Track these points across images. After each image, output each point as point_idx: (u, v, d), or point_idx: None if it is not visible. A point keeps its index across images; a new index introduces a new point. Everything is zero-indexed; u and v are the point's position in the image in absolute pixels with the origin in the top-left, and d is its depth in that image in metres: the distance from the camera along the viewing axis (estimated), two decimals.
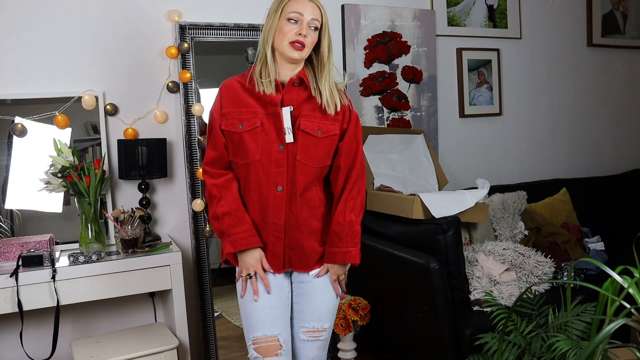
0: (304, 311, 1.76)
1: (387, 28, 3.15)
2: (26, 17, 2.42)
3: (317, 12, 1.66)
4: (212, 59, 2.80)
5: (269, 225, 1.70)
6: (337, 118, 1.71)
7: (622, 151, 4.11)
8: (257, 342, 1.70)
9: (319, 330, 1.76)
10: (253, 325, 1.71)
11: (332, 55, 1.71)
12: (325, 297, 1.76)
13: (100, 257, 2.24)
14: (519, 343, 2.11)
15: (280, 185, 1.67)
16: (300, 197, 1.70)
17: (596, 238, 3.13)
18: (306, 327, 1.76)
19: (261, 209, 1.70)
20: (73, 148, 2.38)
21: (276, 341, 1.70)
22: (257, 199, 1.69)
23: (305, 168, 1.69)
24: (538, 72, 3.72)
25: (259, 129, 1.67)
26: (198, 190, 2.65)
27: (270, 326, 1.70)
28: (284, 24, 1.64)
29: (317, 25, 1.66)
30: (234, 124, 1.68)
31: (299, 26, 1.64)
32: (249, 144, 1.67)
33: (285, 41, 1.64)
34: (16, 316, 2.10)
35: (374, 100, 3.15)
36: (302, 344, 1.77)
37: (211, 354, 2.70)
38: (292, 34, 1.63)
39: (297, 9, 1.63)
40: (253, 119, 1.67)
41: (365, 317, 2.65)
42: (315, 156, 1.70)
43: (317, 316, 1.75)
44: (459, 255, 2.39)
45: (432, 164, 3.08)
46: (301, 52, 1.65)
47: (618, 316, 1.30)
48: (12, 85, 2.41)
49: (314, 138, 1.68)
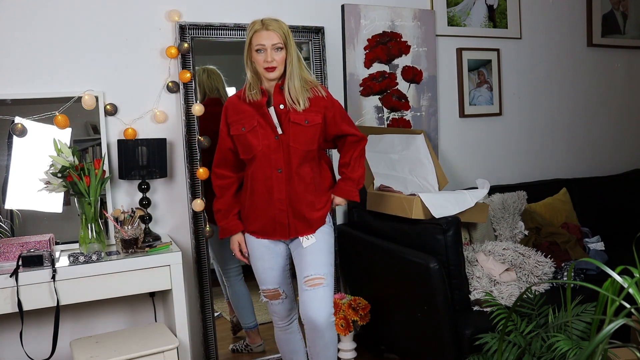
0: (302, 265, 2.18)
1: (387, 28, 3.15)
2: (26, 17, 2.42)
3: (276, 37, 2.07)
4: (212, 59, 2.80)
5: (274, 202, 2.15)
6: (318, 110, 2.17)
7: (622, 151, 4.10)
8: (264, 291, 2.28)
9: (318, 277, 2.14)
10: (260, 281, 2.28)
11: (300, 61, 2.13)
12: (315, 249, 2.18)
13: (100, 257, 2.24)
14: (519, 343, 2.11)
15: (280, 167, 2.13)
16: (295, 175, 2.15)
17: (596, 238, 3.13)
18: (306, 277, 2.15)
19: (267, 189, 2.15)
20: (73, 148, 2.38)
21: (278, 291, 2.27)
22: (263, 181, 2.15)
23: (297, 152, 2.14)
24: (538, 72, 3.72)
25: (257, 127, 2.13)
26: (198, 190, 2.65)
27: (271, 282, 2.26)
28: (254, 55, 2.09)
29: (280, 46, 2.08)
30: (239, 128, 2.15)
31: (264, 54, 2.07)
32: (252, 140, 2.13)
33: (260, 68, 2.09)
34: (16, 316, 2.10)
35: (374, 100, 3.15)
36: (307, 295, 2.15)
37: (211, 354, 2.70)
38: (262, 61, 2.08)
39: (259, 42, 2.07)
40: (251, 121, 2.14)
41: (365, 317, 2.65)
42: (304, 140, 2.14)
43: (313, 265, 2.16)
44: (459, 255, 2.39)
45: (432, 164, 3.08)
46: (274, 72, 2.09)
47: (618, 316, 1.30)
48: (12, 85, 2.41)
49: (302, 127, 2.13)
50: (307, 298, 2.15)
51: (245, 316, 2.88)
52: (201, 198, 2.64)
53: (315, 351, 2.20)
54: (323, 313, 2.13)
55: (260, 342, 2.89)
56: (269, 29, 2.07)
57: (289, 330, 2.36)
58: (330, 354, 2.20)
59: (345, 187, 2.27)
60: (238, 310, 2.90)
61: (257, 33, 2.08)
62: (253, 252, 2.27)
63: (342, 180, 2.29)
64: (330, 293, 2.18)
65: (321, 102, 2.19)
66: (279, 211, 2.16)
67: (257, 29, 2.09)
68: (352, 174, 2.27)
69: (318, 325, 2.13)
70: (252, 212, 2.22)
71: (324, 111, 2.18)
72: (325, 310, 2.14)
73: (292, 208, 2.17)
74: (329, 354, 2.20)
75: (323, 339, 2.16)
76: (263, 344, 2.89)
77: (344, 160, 2.31)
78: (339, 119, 2.25)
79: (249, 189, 2.21)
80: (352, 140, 2.29)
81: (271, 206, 2.16)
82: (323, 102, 2.19)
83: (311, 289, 2.15)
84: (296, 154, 2.14)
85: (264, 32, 2.07)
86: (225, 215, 2.26)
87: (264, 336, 2.90)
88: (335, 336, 2.22)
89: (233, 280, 2.87)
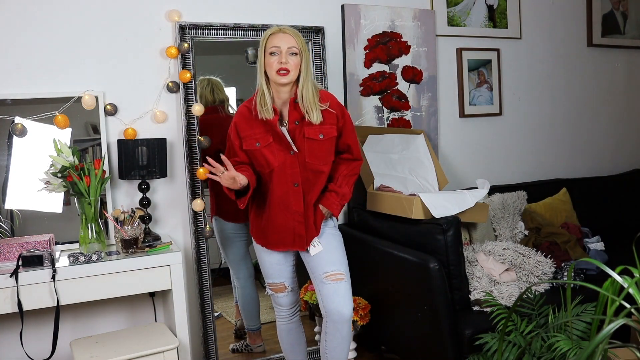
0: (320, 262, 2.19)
1: (387, 28, 3.15)
2: (26, 17, 2.42)
3: (292, 40, 2.05)
4: (212, 59, 2.80)
5: (291, 213, 2.17)
6: (332, 122, 2.16)
7: (622, 151, 4.10)
8: (270, 285, 2.32)
9: (339, 273, 2.18)
10: (266, 275, 2.31)
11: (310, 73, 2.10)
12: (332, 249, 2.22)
13: (100, 257, 2.24)
14: (519, 343, 2.11)
15: (296, 182, 2.15)
16: (313, 187, 2.18)
17: (596, 238, 3.13)
18: (327, 273, 2.17)
19: (284, 202, 2.16)
20: (73, 148, 2.38)
21: (283, 285, 2.30)
22: (281, 195, 2.16)
23: (313, 167, 2.16)
24: (538, 72, 3.72)
25: (272, 144, 2.12)
26: (198, 190, 2.65)
27: (277, 276, 2.29)
28: (268, 58, 2.06)
29: (295, 51, 2.06)
30: (252, 144, 2.13)
31: (279, 57, 2.04)
32: (268, 155, 2.13)
33: (272, 71, 2.05)
34: (16, 316, 2.10)
35: (374, 100, 3.15)
36: (329, 288, 2.16)
37: (211, 354, 2.70)
38: (276, 64, 2.04)
39: (274, 44, 2.05)
40: (266, 137, 2.12)
41: (365, 317, 2.65)
42: (320, 155, 2.16)
43: (332, 262, 2.19)
44: (459, 255, 2.39)
45: (432, 164, 3.08)
46: (287, 76, 2.05)
47: (618, 316, 1.30)
48: (12, 85, 2.41)
49: (317, 142, 2.14)
50: (330, 291, 2.16)
51: (250, 319, 2.89)
52: (201, 198, 2.64)
53: (331, 345, 2.19)
54: (348, 305, 2.16)
55: (260, 343, 2.89)
56: (286, 32, 2.06)
57: (292, 321, 2.38)
58: (345, 349, 2.21)
59: (330, 197, 2.22)
60: (245, 313, 2.91)
61: (273, 35, 2.06)
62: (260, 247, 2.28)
63: (327, 191, 2.24)
64: (350, 289, 2.20)
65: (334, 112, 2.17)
66: (297, 223, 2.18)
67: (273, 32, 2.07)
68: (338, 189, 2.23)
69: (343, 318, 2.14)
70: (270, 226, 2.21)
71: (336, 122, 2.18)
72: (349, 303, 2.17)
73: (306, 219, 2.19)
74: (344, 349, 2.21)
75: (341, 332, 2.17)
76: (263, 345, 2.89)
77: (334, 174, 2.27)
78: (349, 131, 2.25)
79: (266, 204, 2.21)
80: (348, 157, 2.28)
81: (289, 219, 2.18)
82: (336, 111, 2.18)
83: (334, 282, 2.16)
84: (312, 168, 2.15)
85: (280, 34, 2.06)
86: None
87: (265, 337, 2.91)
88: (351, 332, 2.23)
89: (244, 282, 2.88)
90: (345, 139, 2.24)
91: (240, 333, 2.97)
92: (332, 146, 2.19)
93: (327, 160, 2.18)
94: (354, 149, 2.27)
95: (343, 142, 2.24)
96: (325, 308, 2.18)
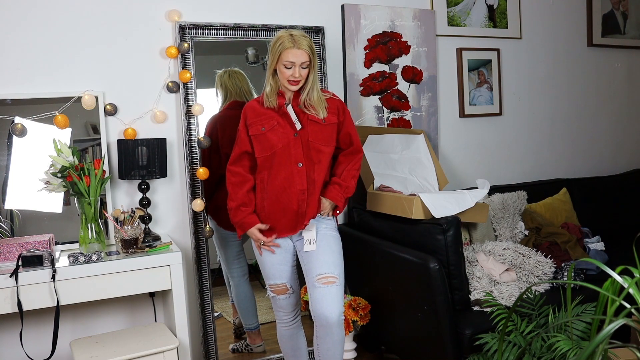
0: (314, 263, 2.23)
1: (387, 28, 3.15)
2: (26, 17, 2.42)
3: (306, 56, 2.16)
4: (212, 59, 2.80)
5: (295, 192, 2.21)
6: (333, 112, 2.29)
7: (622, 151, 4.11)
8: (272, 286, 2.32)
9: (332, 276, 2.20)
10: (267, 276, 2.32)
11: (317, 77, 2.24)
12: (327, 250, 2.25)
13: (100, 257, 2.24)
14: (519, 343, 2.11)
15: (300, 162, 2.21)
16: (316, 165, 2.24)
17: (596, 238, 3.13)
18: (319, 275, 2.20)
19: (288, 181, 2.21)
20: (73, 148, 2.38)
21: (285, 286, 2.31)
22: (284, 175, 2.21)
23: (315, 145, 2.23)
24: (538, 72, 3.72)
25: (277, 126, 2.22)
26: (198, 190, 2.65)
27: (279, 277, 2.30)
28: (281, 68, 2.17)
29: (307, 65, 2.18)
30: (258, 128, 2.22)
31: (292, 70, 2.16)
32: (272, 137, 2.21)
33: (284, 80, 2.19)
34: (16, 316, 2.10)
35: (374, 100, 3.15)
36: (319, 292, 2.19)
37: (211, 354, 2.70)
38: (289, 75, 2.17)
39: (290, 59, 2.14)
40: (271, 121, 2.23)
41: (365, 317, 2.65)
42: (322, 137, 2.25)
43: (326, 265, 2.21)
44: (459, 255, 2.39)
45: (432, 164, 3.08)
46: (297, 85, 2.20)
47: (618, 316, 1.30)
48: (12, 85, 2.41)
49: (320, 125, 2.24)
50: (320, 295, 2.18)
51: (248, 317, 2.89)
52: (201, 198, 2.64)
53: (323, 348, 2.22)
54: (335, 310, 2.17)
55: (260, 343, 2.89)
56: (301, 48, 2.14)
57: (293, 326, 2.39)
58: (337, 352, 2.22)
59: (333, 190, 2.28)
60: (241, 311, 2.90)
61: (288, 50, 2.13)
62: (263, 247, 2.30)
63: (330, 184, 2.30)
64: (342, 293, 2.23)
65: (335, 104, 2.30)
66: (300, 201, 2.21)
67: (289, 46, 2.13)
68: (342, 181, 2.30)
69: (329, 322, 2.16)
70: (273, 211, 2.24)
71: (337, 112, 2.29)
72: (337, 307, 2.18)
73: (311, 197, 2.23)
74: (336, 352, 2.22)
75: (332, 337, 2.19)
76: (263, 345, 2.89)
77: (336, 171, 2.34)
78: (350, 122, 2.34)
79: (267, 190, 2.23)
80: (349, 151, 2.34)
81: (292, 198, 2.21)
82: (337, 104, 2.30)
83: (324, 286, 2.18)
84: (315, 147, 2.23)
85: (296, 51, 2.13)
86: (241, 210, 2.24)
87: (265, 336, 2.90)
88: (344, 335, 2.25)
89: (238, 281, 2.88)
90: (347, 129, 2.32)
91: (240, 332, 2.97)
92: (334, 132, 2.27)
93: (330, 143, 2.26)
94: (354, 138, 2.34)
95: (345, 133, 2.32)
96: (313, 312, 2.20)
